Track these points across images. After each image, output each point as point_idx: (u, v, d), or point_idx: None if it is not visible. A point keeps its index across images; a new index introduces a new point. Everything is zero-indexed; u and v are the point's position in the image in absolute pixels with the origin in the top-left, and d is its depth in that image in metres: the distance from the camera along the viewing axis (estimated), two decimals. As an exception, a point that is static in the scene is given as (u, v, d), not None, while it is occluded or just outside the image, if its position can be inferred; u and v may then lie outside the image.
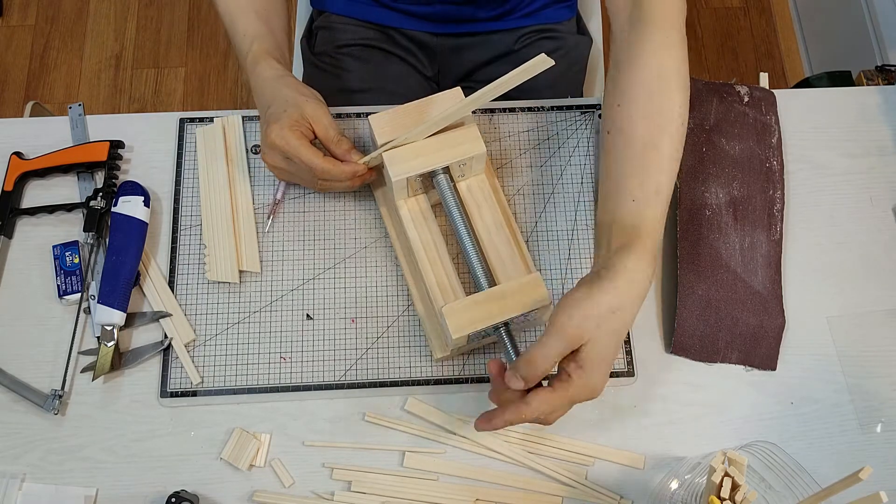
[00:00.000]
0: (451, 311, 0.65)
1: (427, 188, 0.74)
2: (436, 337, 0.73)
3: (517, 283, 0.67)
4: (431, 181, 0.72)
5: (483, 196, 0.74)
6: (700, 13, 1.85)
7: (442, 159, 0.70)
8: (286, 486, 0.69)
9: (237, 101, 1.76)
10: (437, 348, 0.72)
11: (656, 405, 0.73)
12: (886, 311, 0.77)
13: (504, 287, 0.67)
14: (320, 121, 0.70)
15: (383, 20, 0.97)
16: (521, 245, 0.74)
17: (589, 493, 0.69)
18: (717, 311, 0.74)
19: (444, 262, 0.71)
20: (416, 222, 0.73)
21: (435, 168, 0.70)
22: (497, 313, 0.66)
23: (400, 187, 0.70)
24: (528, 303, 0.66)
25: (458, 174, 0.72)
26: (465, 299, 0.66)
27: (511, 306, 0.66)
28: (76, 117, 0.82)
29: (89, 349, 0.73)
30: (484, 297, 0.66)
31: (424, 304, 0.74)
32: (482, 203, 0.73)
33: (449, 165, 0.70)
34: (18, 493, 0.68)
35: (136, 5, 1.84)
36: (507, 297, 0.66)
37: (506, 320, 0.66)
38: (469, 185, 0.74)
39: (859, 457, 0.72)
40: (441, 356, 0.72)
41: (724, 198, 0.79)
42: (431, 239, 0.72)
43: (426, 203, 0.74)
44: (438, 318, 0.70)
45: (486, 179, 0.74)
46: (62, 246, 0.76)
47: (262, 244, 0.78)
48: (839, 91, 0.88)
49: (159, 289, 0.75)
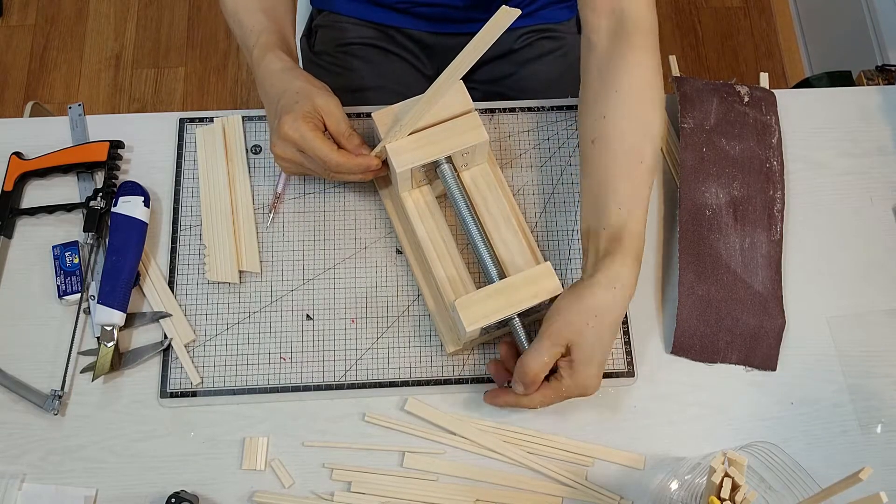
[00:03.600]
0: (464, 305, 0.66)
1: (431, 179, 0.74)
2: (447, 331, 0.73)
3: (529, 274, 0.67)
4: (435, 171, 0.72)
5: (488, 187, 0.74)
6: (700, 13, 1.85)
7: (445, 149, 0.70)
8: (286, 486, 0.69)
9: (237, 101, 1.76)
10: (450, 342, 0.72)
11: (656, 405, 0.73)
12: (886, 311, 0.77)
13: (515, 278, 0.67)
14: (332, 114, 0.69)
15: (383, 20, 0.97)
16: (528, 236, 0.74)
17: (589, 493, 0.69)
18: (718, 311, 0.74)
19: (453, 255, 0.72)
20: (422, 216, 0.73)
21: (438, 158, 0.70)
22: (510, 305, 0.66)
23: (404, 178, 0.71)
24: (541, 293, 0.66)
25: (462, 164, 0.73)
26: (478, 292, 0.66)
27: (523, 297, 0.66)
28: (76, 117, 0.82)
29: (89, 349, 0.73)
30: (496, 290, 0.67)
31: (434, 298, 0.74)
32: (487, 194, 0.74)
33: (452, 155, 0.70)
34: (18, 493, 0.68)
35: (136, 5, 1.84)
36: (519, 288, 0.67)
37: (519, 311, 0.67)
38: (473, 176, 0.74)
39: (859, 457, 0.72)
40: (454, 350, 0.72)
41: (724, 198, 0.79)
42: (438, 232, 0.73)
43: (431, 195, 0.74)
44: (450, 312, 0.70)
45: (489, 170, 0.75)
46: (62, 246, 0.76)
47: (262, 244, 0.78)
48: (839, 91, 0.88)
49: (159, 289, 0.75)
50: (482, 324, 0.65)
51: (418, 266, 0.75)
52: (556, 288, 0.67)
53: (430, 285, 0.74)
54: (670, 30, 1.83)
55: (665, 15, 1.84)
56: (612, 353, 0.74)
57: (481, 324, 0.65)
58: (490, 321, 0.65)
